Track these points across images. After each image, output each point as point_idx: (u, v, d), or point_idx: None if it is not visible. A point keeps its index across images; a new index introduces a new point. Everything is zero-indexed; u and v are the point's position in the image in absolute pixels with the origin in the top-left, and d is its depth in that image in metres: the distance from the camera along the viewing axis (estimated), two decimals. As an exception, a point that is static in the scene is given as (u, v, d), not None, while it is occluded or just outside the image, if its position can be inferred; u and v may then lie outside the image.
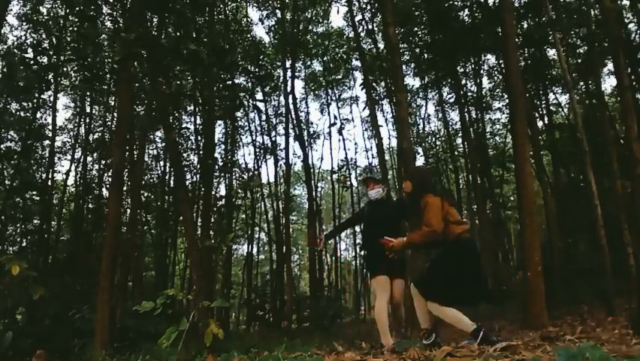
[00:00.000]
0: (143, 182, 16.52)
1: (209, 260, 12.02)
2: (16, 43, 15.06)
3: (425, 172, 4.61)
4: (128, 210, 14.22)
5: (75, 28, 14.11)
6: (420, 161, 19.03)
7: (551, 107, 16.22)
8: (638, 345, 3.29)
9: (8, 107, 14.89)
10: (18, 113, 15.40)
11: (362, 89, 17.29)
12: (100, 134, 17.68)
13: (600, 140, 10.46)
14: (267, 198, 21.46)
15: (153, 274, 19.53)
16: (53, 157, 16.13)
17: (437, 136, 20.71)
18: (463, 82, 16.26)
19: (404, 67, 14.43)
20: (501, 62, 13.17)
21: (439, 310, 3.48)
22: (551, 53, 13.48)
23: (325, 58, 20.03)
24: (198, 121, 17.00)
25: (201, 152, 15.80)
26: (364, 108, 17.61)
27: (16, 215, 15.87)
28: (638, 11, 11.04)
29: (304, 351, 3.29)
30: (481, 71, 16.50)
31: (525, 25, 12.60)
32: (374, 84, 15.83)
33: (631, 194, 7.33)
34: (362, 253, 4.28)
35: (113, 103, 16.25)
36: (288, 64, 17.27)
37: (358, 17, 14.70)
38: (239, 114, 18.54)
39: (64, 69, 15.60)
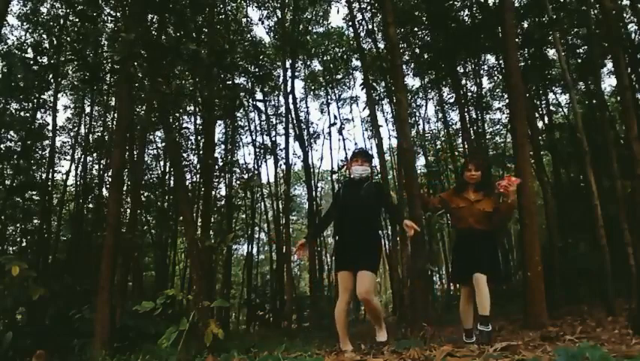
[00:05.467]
0: (143, 182, 16.51)
1: (209, 260, 12.02)
2: (16, 43, 15.08)
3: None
4: (128, 210, 14.22)
5: (75, 28, 14.11)
6: (420, 161, 19.07)
7: (551, 107, 16.24)
8: (638, 345, 3.29)
9: (8, 107, 14.90)
10: (18, 113, 15.40)
11: (362, 89, 17.32)
12: (100, 134, 17.69)
13: (600, 140, 10.45)
14: (267, 198, 21.47)
15: (153, 274, 19.53)
16: (53, 157, 16.13)
17: (437, 136, 20.71)
18: (463, 82, 16.25)
19: (404, 67, 14.41)
20: (501, 62, 13.17)
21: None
22: (551, 53, 13.49)
23: (325, 58, 20.03)
24: (198, 121, 17.01)
25: (201, 152, 15.81)
26: (364, 108, 17.62)
27: (16, 215, 15.88)
28: (638, 11, 11.03)
29: (304, 351, 3.29)
30: (481, 71, 16.50)
31: (525, 25, 12.60)
32: (374, 84, 15.83)
33: (631, 194, 7.34)
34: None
35: (113, 103, 16.26)
36: (288, 64, 17.26)
37: (358, 17, 14.72)
38: (239, 114, 18.56)
39: (64, 69, 15.60)
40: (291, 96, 16.96)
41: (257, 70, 17.22)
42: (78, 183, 17.07)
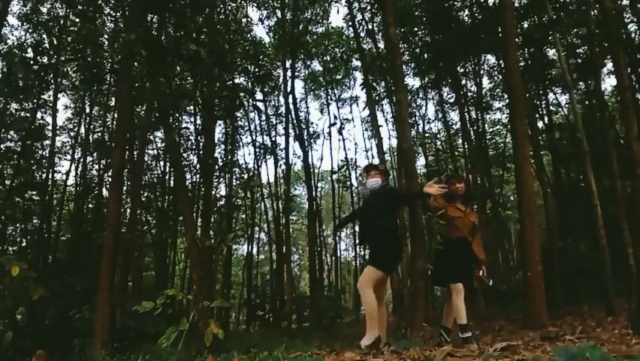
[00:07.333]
0: (143, 182, 16.51)
1: (209, 260, 12.00)
2: (16, 43, 15.08)
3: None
4: (128, 210, 14.22)
5: (75, 28, 14.10)
6: (420, 161, 19.06)
7: (551, 107, 16.24)
8: (638, 345, 3.29)
9: (8, 107, 14.90)
10: (18, 113, 15.40)
11: (362, 89, 17.31)
12: (100, 134, 17.69)
13: (600, 140, 10.46)
14: (267, 198, 21.47)
15: (153, 274, 19.53)
16: (53, 157, 16.14)
17: (437, 136, 20.71)
18: (463, 82, 16.25)
19: (404, 67, 14.41)
20: (501, 62, 13.17)
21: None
22: (551, 53, 13.49)
23: (325, 58, 20.03)
24: (198, 121, 17.00)
25: (201, 152, 15.80)
26: (364, 108, 17.58)
27: (16, 215, 15.87)
28: (638, 11, 11.02)
29: (304, 351, 3.29)
30: (481, 71, 16.50)
31: (525, 25, 12.59)
32: (374, 84, 15.82)
33: (631, 194, 7.33)
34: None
35: (113, 103, 16.26)
36: (288, 64, 17.26)
37: (358, 17, 14.71)
38: (239, 114, 18.55)
39: (64, 69, 15.59)
40: (291, 96, 16.97)
41: (257, 70, 17.22)
42: (78, 183, 17.07)
